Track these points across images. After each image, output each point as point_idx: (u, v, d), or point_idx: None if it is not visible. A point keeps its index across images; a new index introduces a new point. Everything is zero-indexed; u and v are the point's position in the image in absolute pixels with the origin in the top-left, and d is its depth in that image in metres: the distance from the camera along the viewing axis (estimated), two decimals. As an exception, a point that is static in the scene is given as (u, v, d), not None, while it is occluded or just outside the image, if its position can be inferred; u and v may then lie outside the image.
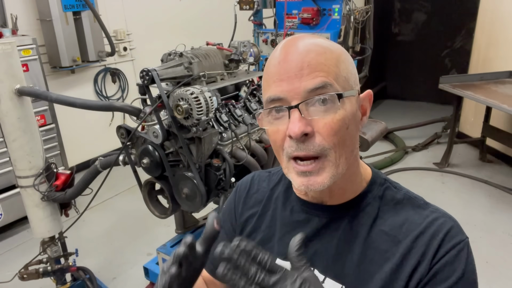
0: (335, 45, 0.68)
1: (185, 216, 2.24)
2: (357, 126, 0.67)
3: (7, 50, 1.68)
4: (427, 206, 0.72)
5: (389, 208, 0.71)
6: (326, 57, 0.63)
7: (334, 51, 0.65)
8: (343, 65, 0.65)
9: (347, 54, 0.68)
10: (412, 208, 0.71)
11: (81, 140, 3.88)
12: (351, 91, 0.65)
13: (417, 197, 0.73)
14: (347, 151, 0.65)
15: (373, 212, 0.71)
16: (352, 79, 0.67)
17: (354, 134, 0.67)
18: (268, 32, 2.88)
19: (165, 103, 1.55)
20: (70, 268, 2.08)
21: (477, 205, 3.23)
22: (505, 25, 3.76)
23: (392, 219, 0.69)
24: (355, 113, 0.66)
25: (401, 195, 0.73)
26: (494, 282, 2.39)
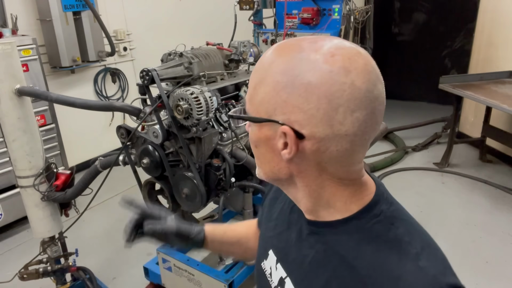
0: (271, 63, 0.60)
1: (185, 216, 2.24)
2: (274, 152, 0.62)
3: (7, 50, 1.68)
4: (417, 258, 0.58)
5: (371, 246, 0.61)
6: (253, 76, 0.63)
7: (263, 71, 0.60)
8: (262, 88, 0.60)
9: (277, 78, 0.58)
10: (397, 254, 0.59)
11: (81, 140, 3.88)
12: (253, 118, 0.62)
13: (413, 242, 0.60)
14: (264, 168, 0.67)
15: (351, 243, 0.63)
16: (268, 106, 0.59)
17: (269, 158, 0.64)
18: (268, 32, 2.88)
19: (165, 103, 1.55)
20: (70, 268, 2.08)
21: (477, 205, 3.23)
22: (505, 25, 3.76)
23: (369, 259, 0.60)
24: (265, 139, 0.62)
25: (392, 235, 0.61)
26: (494, 282, 2.39)
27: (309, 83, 0.55)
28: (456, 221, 3.03)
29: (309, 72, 0.55)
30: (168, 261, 2.06)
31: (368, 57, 0.58)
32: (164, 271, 2.10)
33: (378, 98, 0.57)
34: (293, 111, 0.57)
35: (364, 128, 0.57)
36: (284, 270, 0.73)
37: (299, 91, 0.56)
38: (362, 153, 0.62)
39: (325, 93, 0.55)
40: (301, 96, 0.56)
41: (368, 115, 0.56)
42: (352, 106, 0.55)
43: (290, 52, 0.58)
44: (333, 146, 0.58)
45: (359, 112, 0.55)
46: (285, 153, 0.59)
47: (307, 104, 0.56)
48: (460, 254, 2.59)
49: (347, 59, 0.55)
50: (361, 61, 0.56)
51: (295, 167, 0.62)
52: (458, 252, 2.60)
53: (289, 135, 0.57)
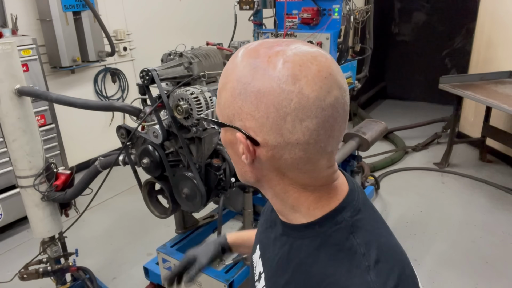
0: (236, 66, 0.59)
1: (185, 216, 2.24)
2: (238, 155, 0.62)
3: (7, 50, 1.68)
4: (367, 272, 0.56)
5: (327, 252, 0.60)
6: (220, 80, 0.63)
7: (224, 78, 0.61)
8: (224, 93, 0.60)
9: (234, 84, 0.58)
10: (348, 265, 0.58)
11: (81, 140, 3.88)
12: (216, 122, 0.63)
13: (367, 255, 0.58)
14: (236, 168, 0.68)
15: (311, 248, 0.62)
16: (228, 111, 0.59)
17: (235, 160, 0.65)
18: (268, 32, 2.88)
19: (165, 103, 1.55)
20: (70, 268, 2.08)
21: (477, 205, 3.23)
22: (505, 25, 3.76)
23: (322, 265, 0.59)
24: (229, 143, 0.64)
25: (348, 245, 0.59)
26: (494, 282, 2.39)
27: (258, 91, 0.55)
28: (456, 221, 3.03)
29: (259, 80, 0.55)
30: (168, 261, 2.06)
31: (325, 62, 0.56)
32: (164, 271, 2.10)
33: (334, 105, 0.55)
34: (247, 118, 0.57)
35: (316, 136, 0.55)
36: (262, 266, 0.75)
37: (250, 98, 0.56)
38: (325, 160, 0.60)
39: (273, 102, 0.54)
40: (252, 103, 0.56)
41: (320, 124, 0.54)
42: (300, 115, 0.54)
43: (247, 58, 0.58)
44: (286, 154, 0.57)
45: (308, 120, 0.54)
46: (244, 158, 0.60)
47: (258, 112, 0.55)
48: (460, 254, 2.59)
49: (297, 66, 0.54)
50: (314, 68, 0.54)
51: (257, 171, 0.63)
52: (458, 252, 2.60)
53: (243, 141, 0.58)
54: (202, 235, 2.32)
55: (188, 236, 2.24)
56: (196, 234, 2.27)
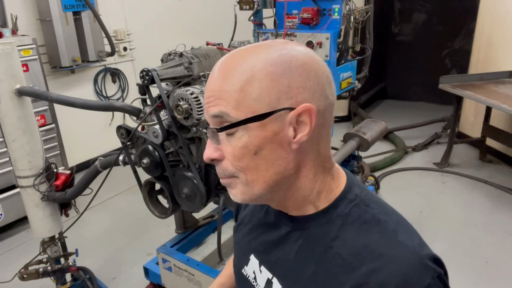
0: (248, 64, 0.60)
1: (185, 216, 2.24)
2: (282, 147, 0.61)
3: (7, 50, 1.68)
4: (395, 234, 0.62)
5: (352, 229, 0.64)
6: (231, 82, 0.59)
7: (245, 71, 0.59)
8: (251, 88, 0.59)
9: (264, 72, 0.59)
10: (377, 233, 0.62)
11: (81, 140, 3.88)
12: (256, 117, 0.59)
13: (388, 220, 0.64)
14: (264, 175, 0.62)
15: (333, 231, 0.65)
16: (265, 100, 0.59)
17: (275, 157, 0.61)
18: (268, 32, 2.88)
19: (165, 103, 1.55)
20: (70, 268, 2.08)
21: (477, 205, 3.23)
22: (505, 25, 3.76)
23: (352, 242, 0.63)
24: (272, 136, 0.60)
25: (369, 216, 0.65)
26: (494, 282, 2.39)
27: (304, 63, 0.60)
28: (456, 221, 3.03)
29: (299, 56, 0.61)
30: (168, 261, 2.06)
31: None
32: (164, 271, 2.10)
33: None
34: (299, 91, 0.60)
35: (334, 98, 0.65)
36: (269, 271, 0.74)
37: (298, 71, 0.60)
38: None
39: (317, 70, 0.61)
40: (301, 75, 0.60)
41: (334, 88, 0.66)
42: (330, 79, 0.64)
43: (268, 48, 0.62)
44: (328, 117, 0.64)
45: (333, 83, 0.65)
46: (303, 136, 0.61)
47: (309, 81, 0.60)
48: (460, 254, 2.59)
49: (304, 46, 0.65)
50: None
51: (301, 155, 0.63)
52: (458, 252, 2.60)
53: (312, 110, 0.60)
54: (202, 235, 2.32)
55: (188, 236, 2.24)
56: (196, 234, 2.27)
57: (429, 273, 0.59)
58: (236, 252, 0.86)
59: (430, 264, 0.60)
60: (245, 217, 0.85)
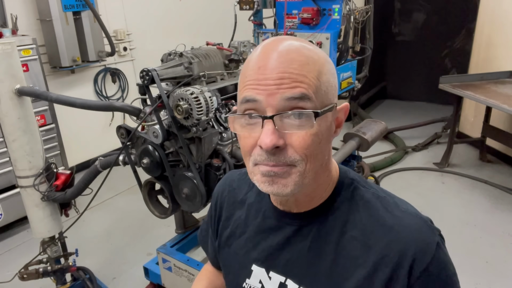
0: (319, 53, 0.64)
1: (185, 216, 2.24)
2: (329, 139, 0.66)
3: (7, 50, 1.68)
4: (397, 206, 0.69)
5: (359, 210, 0.68)
6: (308, 68, 0.60)
7: (317, 62, 0.62)
8: (325, 77, 0.62)
9: (331, 64, 0.65)
10: (382, 208, 0.68)
11: (81, 140, 3.88)
12: (329, 106, 0.63)
13: (386, 196, 0.71)
14: (317, 165, 0.64)
15: (342, 216, 0.68)
16: (331, 93, 0.64)
17: (325, 147, 0.65)
18: (268, 32, 2.88)
19: (165, 103, 1.55)
20: (70, 268, 2.08)
21: (477, 205, 3.23)
22: (505, 25, 3.76)
23: (362, 222, 0.67)
24: (329, 127, 0.65)
25: (369, 194, 0.70)
26: (494, 282, 2.39)
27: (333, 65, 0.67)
28: (456, 221, 3.03)
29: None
30: (168, 261, 2.06)
31: None
32: (164, 271, 2.10)
33: None
34: (335, 91, 0.67)
35: None
36: (280, 275, 0.73)
37: (334, 72, 0.67)
38: None
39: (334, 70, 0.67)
40: (333, 76, 0.66)
41: None
42: None
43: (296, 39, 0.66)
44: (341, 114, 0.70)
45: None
46: (338, 130, 0.69)
47: (334, 80, 0.66)
48: (460, 254, 2.59)
49: None
50: None
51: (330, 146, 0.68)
52: (458, 252, 2.60)
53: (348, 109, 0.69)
54: (202, 235, 2.31)
55: (188, 236, 2.24)
56: (196, 234, 2.27)
57: (434, 232, 0.66)
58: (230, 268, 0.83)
59: (432, 225, 0.68)
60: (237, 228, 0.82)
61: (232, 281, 0.82)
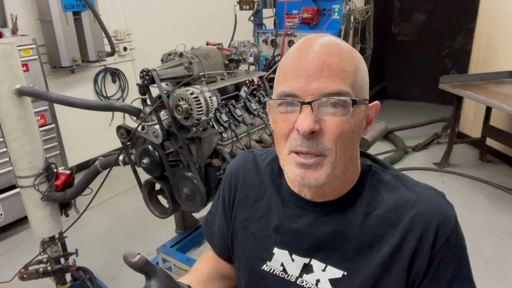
0: (355, 51, 0.69)
1: (185, 216, 2.24)
2: (359, 134, 0.70)
3: (7, 50, 1.68)
4: (416, 183, 0.75)
5: (380, 191, 0.73)
6: (347, 63, 0.64)
7: (355, 58, 0.67)
8: (360, 73, 0.67)
9: (364, 63, 0.70)
10: (403, 186, 0.73)
11: (81, 140, 3.88)
12: (363, 100, 0.68)
13: (404, 175, 0.76)
14: (347, 156, 0.68)
15: (365, 201, 0.73)
16: (365, 89, 0.69)
17: (356, 141, 0.70)
18: (268, 32, 2.88)
19: (165, 103, 1.55)
20: (70, 268, 2.08)
21: (477, 205, 3.23)
22: (505, 25, 3.76)
23: (385, 201, 0.72)
24: (361, 121, 0.69)
25: (388, 176, 0.75)
26: (494, 282, 2.39)
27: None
28: (456, 221, 3.03)
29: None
30: (168, 261, 2.06)
31: None
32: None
33: None
34: (367, 89, 0.71)
35: None
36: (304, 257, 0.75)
37: (366, 70, 0.70)
38: None
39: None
40: (367, 74, 0.70)
41: None
42: None
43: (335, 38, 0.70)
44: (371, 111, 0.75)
45: None
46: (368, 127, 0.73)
47: (367, 78, 0.71)
48: (460, 254, 2.59)
49: None
50: None
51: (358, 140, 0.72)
52: (458, 252, 2.59)
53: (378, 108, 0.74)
54: (202, 235, 2.32)
55: (188, 236, 2.24)
56: (196, 234, 2.27)
57: (451, 206, 0.72)
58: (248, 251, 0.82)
59: (448, 200, 0.73)
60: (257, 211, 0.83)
61: (246, 266, 0.82)
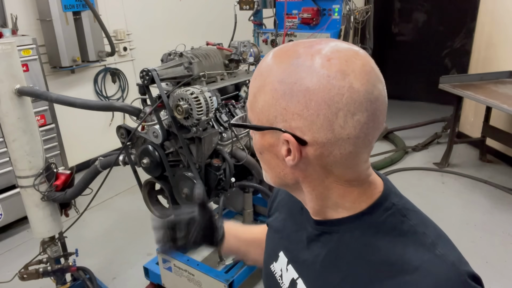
0: (271, 71, 0.59)
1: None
2: (278, 159, 0.62)
3: (7, 50, 1.68)
4: (434, 247, 0.59)
5: (386, 239, 0.61)
6: (253, 84, 0.63)
7: (260, 81, 0.60)
8: (262, 96, 0.59)
9: (275, 86, 0.57)
10: (414, 245, 0.59)
11: (81, 140, 3.88)
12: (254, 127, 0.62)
13: (427, 232, 0.61)
14: (270, 174, 0.67)
15: (365, 238, 0.63)
16: (269, 114, 0.59)
17: (274, 164, 0.64)
18: (268, 32, 2.88)
19: (165, 103, 1.55)
20: (70, 268, 2.08)
21: (477, 205, 3.23)
22: (505, 25, 3.76)
23: (386, 251, 0.60)
24: (269, 146, 0.62)
25: (406, 226, 0.62)
26: (494, 282, 2.39)
27: (307, 89, 0.55)
28: (456, 221, 3.03)
29: (306, 78, 0.55)
30: (168, 261, 2.06)
31: (366, 57, 0.57)
32: (164, 271, 2.10)
33: (379, 98, 0.56)
34: (293, 118, 0.56)
35: (366, 129, 0.56)
36: (295, 271, 0.73)
37: (298, 97, 0.55)
38: (367, 153, 0.62)
39: (324, 98, 0.54)
40: (300, 102, 0.55)
41: (369, 117, 0.55)
42: (352, 109, 0.54)
43: (287, 59, 0.58)
44: (336, 150, 0.57)
45: (359, 114, 0.54)
46: (289, 160, 0.59)
47: (307, 111, 0.55)
48: (460, 254, 2.59)
49: (344, 61, 0.55)
50: (359, 62, 0.55)
51: (300, 172, 0.62)
52: (458, 252, 2.60)
53: (291, 142, 0.57)
54: (202, 235, 2.31)
55: (188, 236, 2.23)
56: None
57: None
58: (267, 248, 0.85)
59: (470, 282, 0.56)
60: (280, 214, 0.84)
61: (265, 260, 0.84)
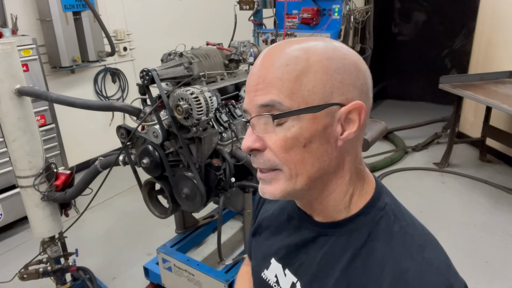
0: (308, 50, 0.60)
1: (185, 216, 2.24)
2: (329, 142, 0.61)
3: (7, 50, 1.68)
4: (422, 249, 0.61)
5: (379, 239, 0.63)
6: (286, 70, 0.58)
7: (300, 63, 0.58)
8: (309, 77, 0.58)
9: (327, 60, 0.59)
10: (403, 246, 0.61)
11: (81, 140, 3.88)
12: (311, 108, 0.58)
13: (416, 234, 0.63)
14: (309, 170, 0.61)
15: (360, 239, 0.64)
16: (324, 92, 0.59)
17: (322, 152, 0.61)
18: (268, 32, 2.88)
19: (165, 103, 1.55)
20: (70, 268, 2.08)
21: (477, 205, 3.23)
22: (505, 25, 3.76)
23: (379, 252, 0.62)
24: (322, 130, 0.60)
25: (397, 227, 0.63)
26: (494, 282, 2.39)
27: (355, 62, 0.61)
28: (456, 221, 3.03)
29: (350, 54, 0.62)
30: (168, 261, 2.06)
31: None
32: (164, 271, 2.10)
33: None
34: (349, 89, 0.60)
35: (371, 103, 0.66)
36: (293, 275, 0.73)
37: (350, 69, 0.60)
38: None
39: (365, 71, 0.63)
40: (352, 74, 0.60)
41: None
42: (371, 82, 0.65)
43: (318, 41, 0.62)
44: (367, 118, 0.63)
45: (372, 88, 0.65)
46: (350, 134, 0.61)
47: (358, 81, 0.61)
48: (460, 254, 2.59)
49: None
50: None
51: (343, 153, 0.63)
52: (458, 252, 2.60)
53: (363, 108, 0.60)
54: (202, 235, 2.32)
55: (188, 236, 2.24)
56: (196, 234, 2.27)
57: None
58: (255, 256, 0.85)
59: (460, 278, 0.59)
60: (263, 221, 0.84)
61: (254, 269, 0.84)
